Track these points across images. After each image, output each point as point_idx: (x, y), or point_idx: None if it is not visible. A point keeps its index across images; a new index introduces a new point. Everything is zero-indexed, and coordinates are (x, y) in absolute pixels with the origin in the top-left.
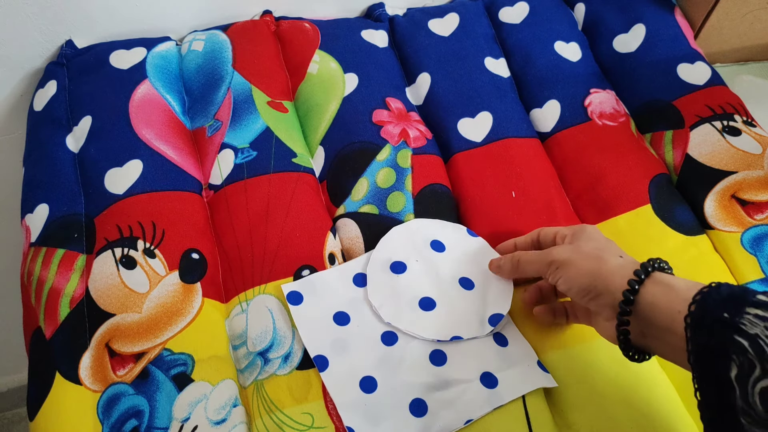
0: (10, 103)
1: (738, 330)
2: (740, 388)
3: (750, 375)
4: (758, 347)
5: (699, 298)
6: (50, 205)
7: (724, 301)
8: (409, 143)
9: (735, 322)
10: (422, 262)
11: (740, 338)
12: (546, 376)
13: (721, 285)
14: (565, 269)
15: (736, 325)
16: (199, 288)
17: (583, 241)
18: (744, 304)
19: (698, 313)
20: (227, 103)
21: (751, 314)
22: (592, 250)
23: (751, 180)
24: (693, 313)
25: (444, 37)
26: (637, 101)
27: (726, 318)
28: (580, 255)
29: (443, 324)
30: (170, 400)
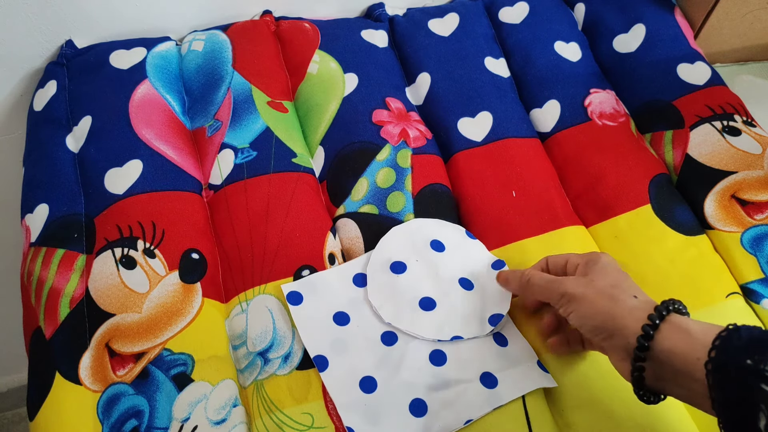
0: (10, 103)
1: (764, 378)
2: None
3: None
4: None
5: (719, 343)
6: (50, 205)
7: (745, 347)
8: (408, 143)
9: (760, 371)
10: (422, 262)
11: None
12: (546, 376)
13: (740, 329)
14: (577, 304)
15: (761, 373)
16: (199, 288)
17: (597, 274)
18: (767, 348)
19: (719, 359)
20: (227, 103)
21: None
22: (606, 287)
23: (751, 180)
24: (714, 360)
25: (444, 37)
26: (637, 101)
27: (750, 365)
28: (594, 291)
29: (443, 324)
30: (170, 400)
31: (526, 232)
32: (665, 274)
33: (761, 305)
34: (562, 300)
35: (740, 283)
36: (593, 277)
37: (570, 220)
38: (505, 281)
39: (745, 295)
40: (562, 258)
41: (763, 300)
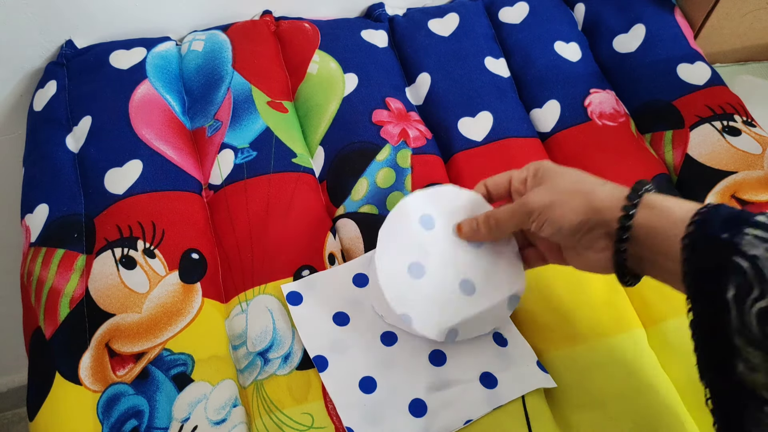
0: (10, 103)
1: (737, 251)
2: (737, 308)
3: (748, 296)
4: (757, 268)
5: (698, 219)
6: (50, 205)
7: (723, 222)
8: (408, 143)
9: (734, 243)
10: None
11: (739, 259)
12: (545, 377)
13: (720, 205)
14: (549, 212)
15: (735, 245)
16: (199, 288)
17: (553, 179)
18: (744, 224)
19: (696, 234)
20: (227, 103)
21: (750, 234)
22: (571, 185)
23: (751, 180)
24: (691, 235)
25: (444, 37)
26: (637, 101)
27: (725, 239)
28: (561, 192)
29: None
30: (170, 400)
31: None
32: None
33: None
34: (533, 216)
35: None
36: (552, 183)
37: None
38: (474, 233)
39: None
40: (503, 177)
41: None
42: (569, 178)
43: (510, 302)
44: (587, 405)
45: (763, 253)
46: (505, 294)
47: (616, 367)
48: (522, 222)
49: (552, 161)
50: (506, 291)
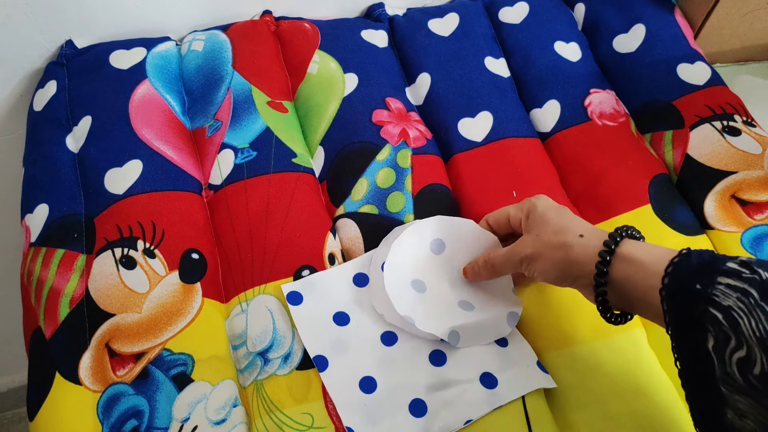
0: (10, 103)
1: (711, 302)
2: (718, 358)
3: (726, 346)
4: (732, 319)
5: (671, 270)
6: (50, 205)
7: (695, 272)
8: (408, 143)
9: (708, 294)
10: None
11: (714, 310)
12: (545, 377)
13: (690, 254)
14: (536, 263)
15: (709, 296)
16: (199, 288)
17: (539, 227)
18: (715, 272)
19: (671, 286)
20: (227, 103)
21: (723, 284)
22: (552, 237)
23: (751, 180)
24: (666, 287)
25: (444, 37)
26: (637, 101)
27: (699, 290)
28: (544, 245)
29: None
30: (170, 401)
31: None
32: None
33: None
34: (523, 264)
35: None
36: (538, 231)
37: None
38: (476, 275)
39: None
40: (502, 215)
41: None
42: (552, 228)
43: (509, 319)
44: (587, 405)
45: (735, 302)
46: (503, 311)
47: (616, 367)
48: (515, 267)
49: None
50: (504, 308)
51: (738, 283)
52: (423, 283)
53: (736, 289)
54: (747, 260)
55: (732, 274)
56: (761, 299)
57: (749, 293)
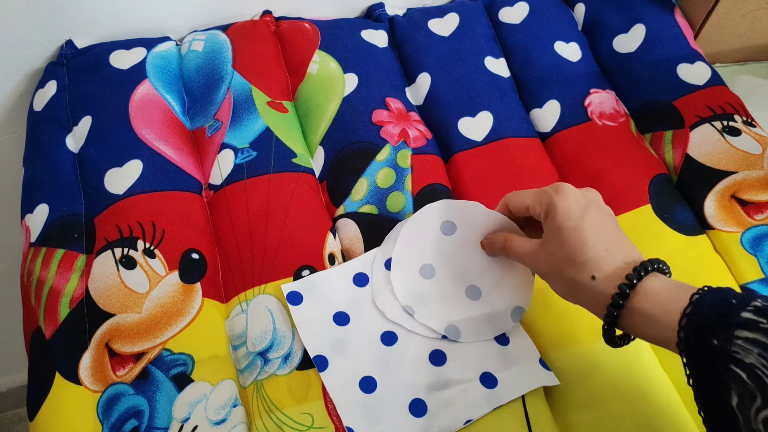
0: (10, 103)
1: (732, 359)
2: (743, 416)
3: (752, 405)
4: (756, 378)
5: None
6: (50, 205)
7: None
8: (408, 143)
9: (727, 351)
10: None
11: (737, 369)
12: (548, 374)
13: (702, 303)
14: (547, 279)
15: (729, 353)
16: (199, 288)
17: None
18: (731, 326)
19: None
20: (227, 103)
21: (741, 338)
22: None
23: (751, 180)
24: (683, 341)
25: (444, 37)
26: (637, 101)
27: (717, 346)
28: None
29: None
30: (170, 400)
31: None
32: None
33: None
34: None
35: (740, 284)
36: (552, 250)
37: None
38: (490, 247)
39: None
40: (522, 203)
41: None
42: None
43: (513, 314)
44: (587, 405)
45: (757, 359)
46: (509, 304)
47: (617, 368)
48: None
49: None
50: (511, 302)
51: (758, 336)
52: (432, 267)
53: (756, 343)
54: (762, 306)
55: (749, 326)
56: None
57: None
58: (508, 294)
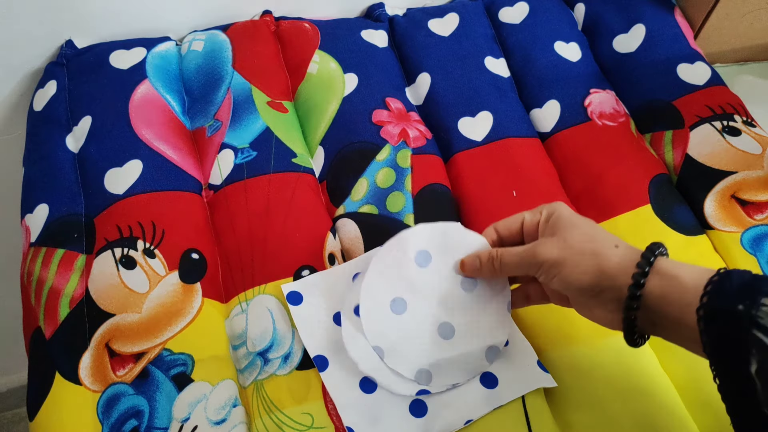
0: (10, 103)
1: (756, 324)
2: (762, 382)
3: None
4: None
5: (710, 288)
6: (50, 205)
7: (737, 292)
8: (408, 143)
9: (752, 316)
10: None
11: (759, 333)
12: (546, 376)
13: (731, 273)
14: (559, 269)
15: (753, 318)
16: (199, 288)
17: (566, 231)
18: (758, 294)
19: (711, 305)
20: (227, 103)
21: (767, 305)
22: (583, 244)
23: (751, 180)
24: (705, 305)
25: (444, 37)
26: (637, 101)
27: (741, 310)
28: (573, 251)
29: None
30: (170, 400)
31: None
32: None
33: None
34: (542, 269)
35: None
36: (564, 236)
37: None
38: (475, 270)
39: None
40: (515, 221)
41: None
42: (582, 234)
43: (488, 353)
44: (587, 405)
45: None
46: (483, 343)
47: (616, 367)
48: (529, 271)
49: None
50: (486, 340)
51: None
52: (404, 301)
53: None
54: None
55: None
56: None
57: None
58: (483, 332)
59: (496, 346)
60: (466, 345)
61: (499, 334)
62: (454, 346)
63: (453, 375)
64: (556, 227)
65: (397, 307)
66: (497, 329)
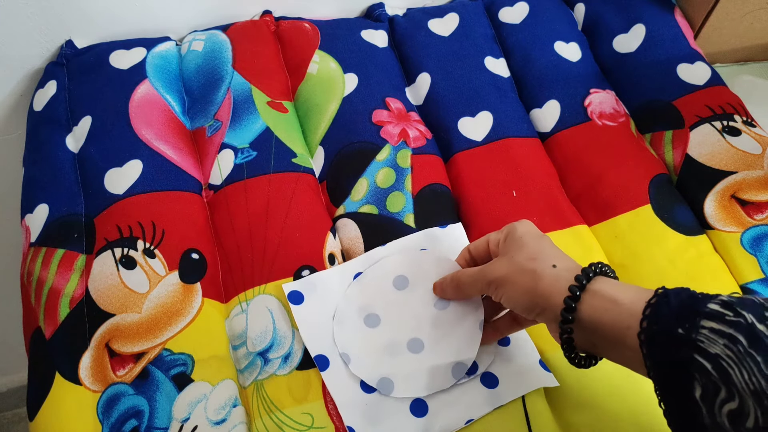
0: (10, 103)
1: (697, 348)
2: (707, 408)
3: (716, 397)
4: (721, 369)
5: (649, 312)
6: (50, 205)
7: (676, 315)
8: (408, 143)
9: (693, 340)
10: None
11: (701, 358)
12: (548, 375)
13: (668, 293)
14: (504, 288)
15: (694, 342)
16: (199, 288)
17: (515, 250)
18: (697, 315)
19: (651, 330)
20: (227, 103)
21: (707, 328)
22: (525, 262)
23: (751, 180)
24: (645, 329)
25: (444, 37)
26: (637, 101)
27: (681, 335)
28: (515, 269)
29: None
30: (170, 400)
31: None
32: (665, 274)
33: None
34: (491, 287)
35: (740, 284)
36: (512, 254)
37: (571, 219)
38: (443, 292)
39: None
40: (482, 241)
41: None
42: (526, 252)
43: (455, 369)
44: (587, 405)
45: (723, 350)
46: (451, 359)
47: (616, 367)
48: (483, 289)
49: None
50: (452, 356)
51: (723, 328)
52: (378, 317)
53: (721, 334)
54: (728, 300)
55: (715, 317)
56: (750, 347)
57: (737, 339)
58: (452, 349)
59: (463, 363)
60: (433, 359)
61: (467, 351)
62: (422, 360)
63: (416, 387)
64: (508, 246)
65: (370, 321)
66: (466, 347)
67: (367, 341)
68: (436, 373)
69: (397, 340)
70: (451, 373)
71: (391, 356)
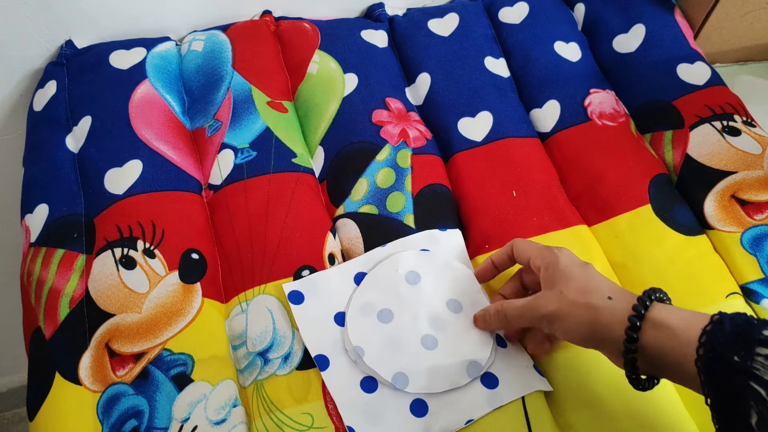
0: (10, 103)
1: (752, 376)
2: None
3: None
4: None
5: (704, 339)
6: (50, 205)
7: (730, 342)
8: (408, 143)
9: (748, 368)
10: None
11: (756, 385)
12: (541, 380)
13: (723, 319)
14: (559, 322)
15: (749, 370)
16: (199, 288)
17: (563, 284)
18: (753, 343)
19: (707, 357)
20: (227, 103)
21: (762, 355)
22: (578, 296)
23: (751, 180)
24: (702, 357)
25: (444, 37)
26: (637, 101)
27: (737, 363)
28: (568, 304)
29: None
30: (170, 401)
31: (526, 232)
32: (665, 274)
33: (761, 305)
34: (543, 322)
35: (740, 283)
36: (561, 288)
37: (571, 219)
38: (487, 324)
39: (744, 295)
40: (525, 253)
41: (763, 300)
42: (576, 285)
43: (470, 368)
44: (587, 405)
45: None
46: (463, 357)
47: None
48: (532, 323)
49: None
50: (466, 355)
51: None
52: (391, 312)
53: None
54: None
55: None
56: None
57: None
58: (467, 347)
59: (478, 362)
60: (447, 357)
61: (482, 351)
62: (436, 356)
63: (430, 382)
64: (555, 278)
65: (384, 316)
66: (480, 347)
67: (381, 336)
68: (452, 371)
69: (411, 336)
70: (466, 372)
71: (404, 352)
